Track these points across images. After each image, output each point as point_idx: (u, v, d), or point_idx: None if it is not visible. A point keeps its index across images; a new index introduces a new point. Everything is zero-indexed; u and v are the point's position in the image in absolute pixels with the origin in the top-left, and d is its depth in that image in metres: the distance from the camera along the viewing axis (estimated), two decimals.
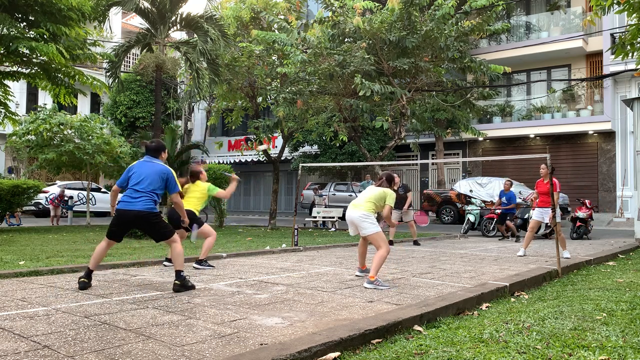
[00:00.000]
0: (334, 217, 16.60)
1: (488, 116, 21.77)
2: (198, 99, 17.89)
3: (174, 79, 27.44)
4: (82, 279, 5.14)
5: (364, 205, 5.76)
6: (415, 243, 11.14)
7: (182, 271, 5.20)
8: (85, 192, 19.95)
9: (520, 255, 8.81)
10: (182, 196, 6.67)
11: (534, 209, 9.21)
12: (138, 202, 5.12)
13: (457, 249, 10.36)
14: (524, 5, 23.11)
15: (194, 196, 6.87)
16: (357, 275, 6.24)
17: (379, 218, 6.71)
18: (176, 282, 5.12)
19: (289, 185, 29.39)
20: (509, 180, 13.08)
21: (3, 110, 13.90)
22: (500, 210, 12.97)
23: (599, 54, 20.55)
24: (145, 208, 5.11)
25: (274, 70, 15.95)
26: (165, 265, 7.01)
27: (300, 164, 11.07)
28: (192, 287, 5.19)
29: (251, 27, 16.86)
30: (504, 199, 12.71)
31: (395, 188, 10.60)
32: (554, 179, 8.22)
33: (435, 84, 14.78)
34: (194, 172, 7.04)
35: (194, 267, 6.82)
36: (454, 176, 24.09)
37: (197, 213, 6.85)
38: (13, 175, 24.02)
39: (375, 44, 13.11)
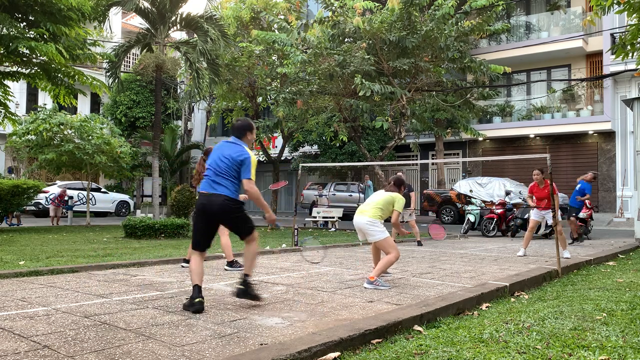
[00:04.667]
0: (334, 217, 16.60)
1: (488, 116, 21.77)
2: (198, 99, 17.90)
3: (174, 79, 27.44)
4: (199, 299, 4.22)
5: (370, 212, 5.69)
6: (419, 244, 11.09)
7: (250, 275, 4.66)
8: (85, 192, 19.95)
9: (520, 255, 8.82)
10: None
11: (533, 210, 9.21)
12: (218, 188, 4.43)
13: (457, 249, 10.36)
14: (524, 5, 23.11)
15: None
16: None
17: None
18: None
19: (289, 185, 29.38)
20: (593, 172, 11.83)
21: (3, 111, 13.90)
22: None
23: (599, 54, 20.54)
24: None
25: (274, 71, 15.96)
26: (183, 266, 6.92)
27: (300, 164, 11.06)
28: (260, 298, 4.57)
29: (251, 27, 16.87)
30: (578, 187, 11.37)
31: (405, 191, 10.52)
32: (553, 184, 8.21)
33: (435, 84, 14.78)
34: (207, 150, 6.65)
35: (225, 269, 6.79)
36: (454, 176, 24.09)
37: None
38: (13, 175, 24.01)
39: (375, 44, 13.11)
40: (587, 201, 13.60)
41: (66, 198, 17.92)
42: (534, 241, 12.04)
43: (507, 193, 16.14)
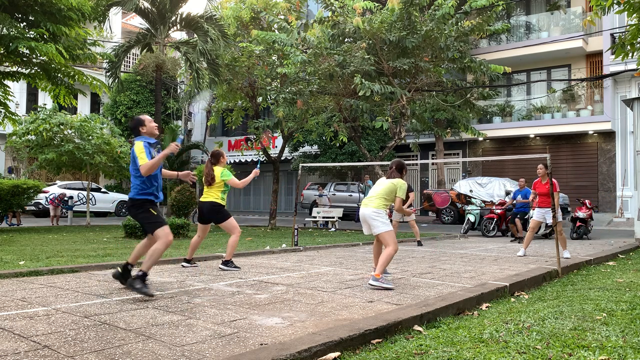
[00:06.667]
0: (334, 217, 16.60)
1: (488, 116, 21.77)
2: (198, 99, 17.90)
3: (174, 79, 27.44)
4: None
5: (375, 202, 5.72)
6: (419, 244, 11.07)
7: (147, 274, 4.79)
8: (85, 192, 19.95)
9: (520, 255, 8.82)
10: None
11: (533, 209, 9.21)
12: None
13: (457, 249, 10.36)
14: (524, 5, 23.11)
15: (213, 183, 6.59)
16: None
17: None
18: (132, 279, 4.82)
19: (289, 185, 29.39)
20: (523, 179, 13.37)
21: (3, 110, 13.90)
22: (501, 210, 13.00)
23: (599, 54, 20.55)
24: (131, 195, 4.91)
25: (274, 71, 15.95)
26: (183, 266, 6.86)
27: (300, 164, 11.06)
28: (151, 295, 4.68)
29: (251, 27, 16.86)
30: (519, 197, 12.66)
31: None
32: (553, 180, 8.22)
33: (435, 84, 14.78)
34: (214, 153, 6.72)
35: (220, 267, 6.68)
36: (454, 176, 24.09)
37: (222, 203, 6.59)
38: (13, 175, 24.02)
39: (375, 44, 13.11)
40: (587, 201, 13.63)
41: (66, 198, 17.93)
42: (534, 241, 12.04)
43: (507, 193, 16.15)
